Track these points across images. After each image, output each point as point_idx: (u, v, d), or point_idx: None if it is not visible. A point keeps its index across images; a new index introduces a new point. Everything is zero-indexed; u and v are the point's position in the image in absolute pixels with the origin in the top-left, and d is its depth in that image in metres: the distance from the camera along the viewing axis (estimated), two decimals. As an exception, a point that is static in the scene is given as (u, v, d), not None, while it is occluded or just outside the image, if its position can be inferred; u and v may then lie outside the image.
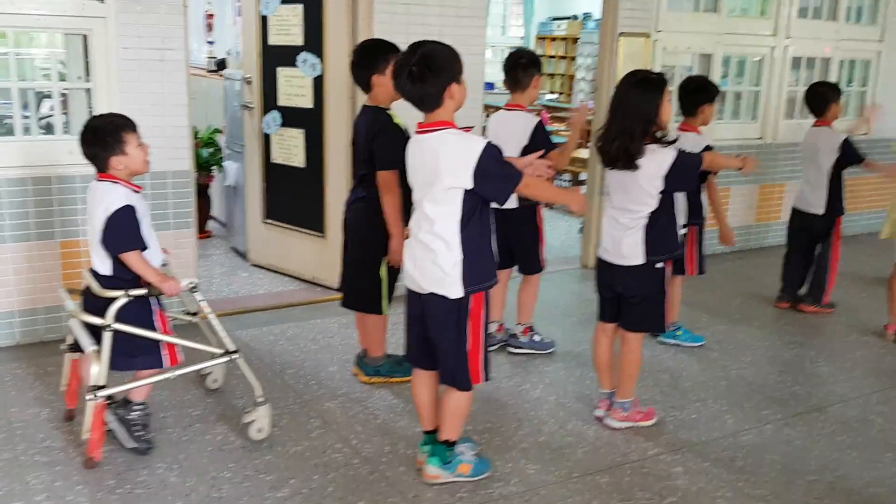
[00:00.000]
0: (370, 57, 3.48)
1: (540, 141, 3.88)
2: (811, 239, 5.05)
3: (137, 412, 3.14)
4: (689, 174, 3.30)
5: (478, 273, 2.79)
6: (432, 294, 2.80)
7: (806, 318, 5.05)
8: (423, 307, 2.87)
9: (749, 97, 6.52)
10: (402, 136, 3.35)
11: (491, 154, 2.69)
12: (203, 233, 6.50)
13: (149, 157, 3.03)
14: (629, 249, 3.29)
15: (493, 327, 4.30)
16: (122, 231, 2.89)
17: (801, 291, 5.18)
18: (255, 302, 4.96)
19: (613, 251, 3.35)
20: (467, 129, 2.82)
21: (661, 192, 3.22)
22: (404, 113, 3.28)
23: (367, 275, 3.64)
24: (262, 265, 5.62)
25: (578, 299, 5.19)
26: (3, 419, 3.35)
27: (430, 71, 2.64)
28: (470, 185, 2.66)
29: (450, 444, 2.98)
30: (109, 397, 3.23)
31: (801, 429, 3.56)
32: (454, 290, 2.77)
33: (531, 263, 4.20)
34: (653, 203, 3.23)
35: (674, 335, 4.50)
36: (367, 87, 3.51)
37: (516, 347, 4.26)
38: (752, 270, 6.09)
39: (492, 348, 4.25)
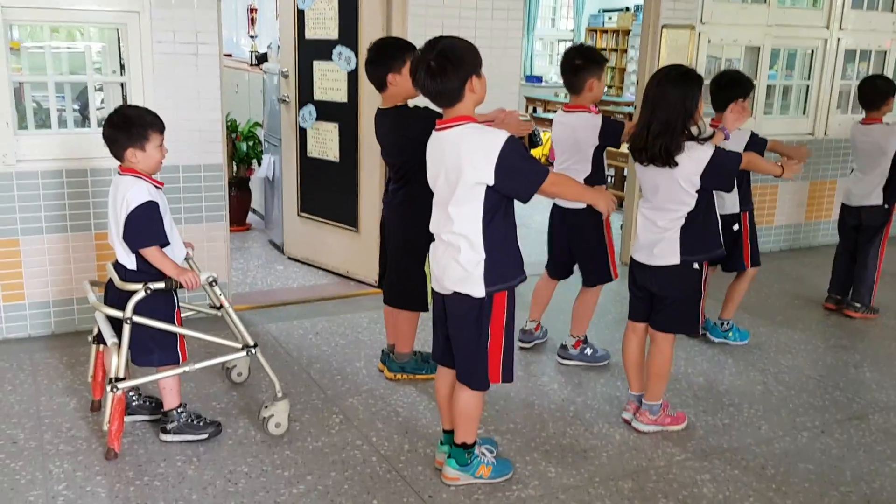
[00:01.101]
0: (387, 55, 3.39)
1: (611, 135, 3.73)
2: (859, 236, 4.87)
3: (182, 417, 3.15)
4: (726, 173, 3.16)
5: (501, 272, 2.74)
6: (455, 293, 2.76)
7: (853, 321, 4.86)
8: (445, 306, 2.83)
9: (799, 91, 6.30)
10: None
11: (513, 148, 2.61)
12: (243, 225, 6.57)
13: (163, 160, 3.03)
14: (663, 250, 3.18)
15: (531, 325, 4.22)
16: (143, 226, 2.91)
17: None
18: (287, 295, 4.97)
19: (647, 252, 3.24)
20: (488, 122, 2.75)
21: (699, 191, 3.11)
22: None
23: (411, 273, 3.56)
24: (298, 258, 5.64)
25: (615, 297, 5.07)
26: (32, 408, 3.41)
27: (450, 64, 2.60)
28: (492, 180, 2.60)
29: (468, 447, 2.93)
30: (140, 396, 3.28)
31: (839, 437, 3.42)
32: (476, 289, 2.72)
33: (594, 273, 3.96)
34: (691, 202, 3.12)
35: (725, 335, 4.38)
36: (382, 86, 3.43)
37: (565, 359, 4.06)
38: (801, 270, 5.89)
39: (527, 346, 4.18)
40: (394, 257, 3.68)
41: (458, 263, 2.71)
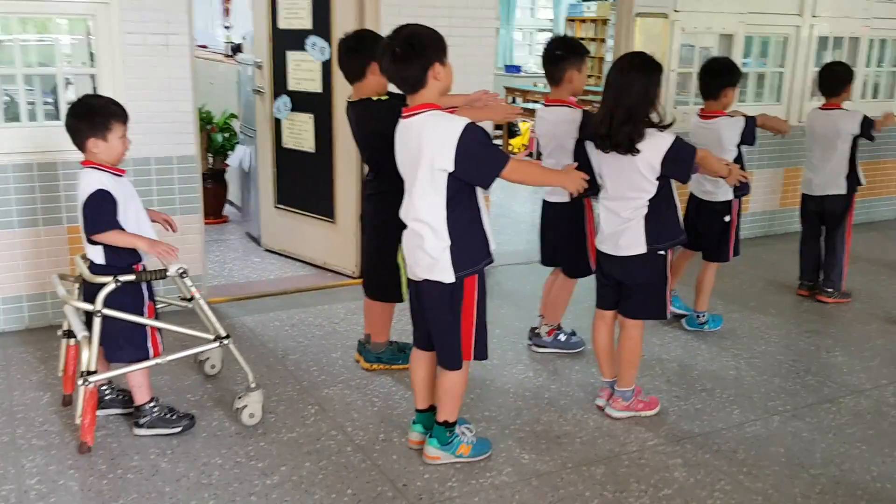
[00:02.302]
0: (368, 45, 3.36)
1: (591, 130, 3.67)
2: (823, 222, 4.91)
3: (155, 411, 3.14)
4: (684, 162, 3.14)
5: (469, 257, 2.78)
6: (426, 280, 2.79)
7: (826, 306, 4.91)
8: (419, 292, 2.87)
9: (773, 79, 6.34)
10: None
11: (473, 135, 2.63)
12: (220, 217, 6.53)
13: (126, 151, 3.01)
14: (629, 240, 3.20)
15: (544, 330, 4.10)
16: (93, 214, 2.90)
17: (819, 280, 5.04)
18: (264, 287, 4.96)
19: (613, 243, 3.25)
20: (451, 109, 2.77)
21: (658, 178, 3.13)
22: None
23: (384, 263, 3.58)
24: (275, 250, 5.62)
25: (589, 284, 5.07)
26: (5, 402, 3.39)
27: (413, 50, 2.64)
28: (451, 167, 2.62)
29: (449, 425, 2.98)
30: (113, 389, 3.26)
31: (810, 421, 3.46)
32: (446, 275, 2.76)
33: (573, 265, 3.95)
34: (651, 189, 3.13)
35: (701, 326, 4.41)
36: (359, 76, 3.42)
37: (540, 346, 4.06)
38: (775, 256, 5.94)
39: (543, 351, 4.08)
40: (368, 247, 3.69)
41: (423, 251, 2.76)
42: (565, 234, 3.90)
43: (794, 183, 6.51)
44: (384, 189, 3.38)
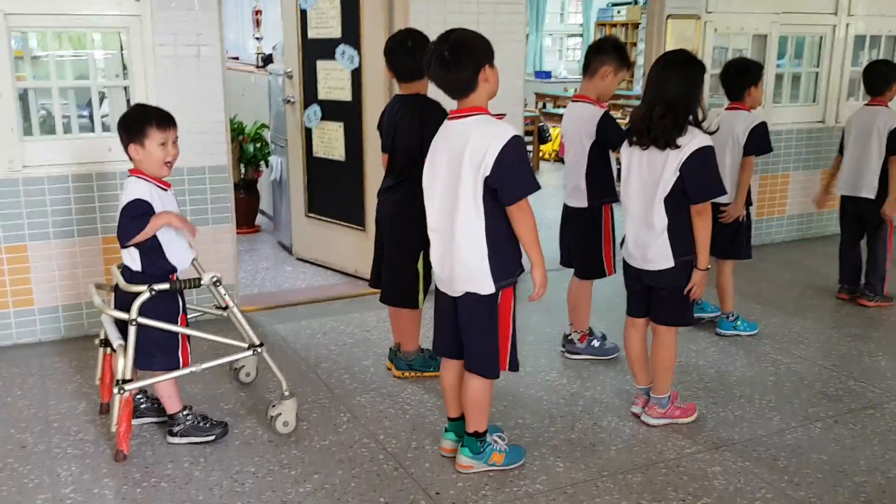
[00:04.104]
0: (422, 44, 3.23)
1: (607, 133, 3.66)
2: (864, 225, 4.80)
3: (188, 420, 3.15)
4: (705, 169, 3.03)
5: (505, 268, 2.75)
6: (466, 293, 2.78)
7: (867, 309, 4.79)
8: (455, 304, 2.85)
9: (809, 79, 6.23)
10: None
11: (517, 148, 2.63)
12: (252, 227, 6.58)
13: (169, 161, 3.00)
14: (655, 254, 3.13)
15: (576, 336, 4.04)
16: (126, 222, 2.91)
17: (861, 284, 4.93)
18: (295, 296, 4.97)
19: (640, 257, 3.19)
20: (499, 116, 2.75)
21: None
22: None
23: (404, 269, 3.58)
24: (307, 259, 5.64)
25: (621, 290, 5.02)
26: (41, 412, 3.42)
27: (464, 53, 2.63)
28: (489, 171, 2.60)
29: (479, 435, 2.95)
30: (148, 398, 3.28)
31: (853, 427, 3.37)
32: (485, 286, 2.74)
33: (584, 268, 3.93)
34: (671, 186, 3.05)
35: (733, 326, 4.34)
36: (417, 74, 3.36)
37: (573, 353, 4.02)
38: (813, 259, 5.83)
39: (577, 357, 4.03)
40: (390, 254, 3.66)
41: (462, 265, 2.73)
42: (579, 235, 3.89)
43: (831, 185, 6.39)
44: (408, 195, 3.38)
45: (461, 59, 2.62)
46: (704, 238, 3.10)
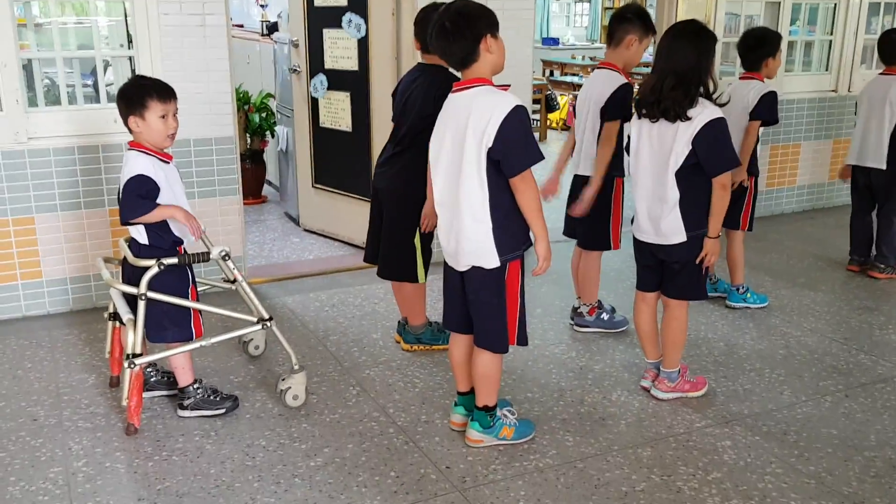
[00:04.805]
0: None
1: (615, 105, 3.60)
2: (875, 196, 4.75)
3: (199, 393, 3.15)
4: (718, 145, 2.98)
5: (511, 241, 2.73)
6: (472, 267, 2.76)
7: (878, 282, 4.77)
8: (462, 278, 2.84)
9: (822, 46, 6.13)
10: None
11: (520, 117, 2.58)
12: (259, 198, 6.55)
13: (171, 134, 2.96)
14: (668, 227, 3.10)
15: (585, 309, 4.02)
16: (128, 200, 2.88)
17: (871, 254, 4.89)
18: (303, 268, 4.96)
19: (652, 231, 3.16)
20: (504, 87, 2.70)
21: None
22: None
23: (404, 242, 3.55)
24: (314, 230, 5.62)
25: (631, 262, 5.00)
26: (52, 384, 3.43)
27: (464, 21, 2.60)
28: (491, 142, 2.57)
29: (489, 409, 2.95)
30: (158, 371, 3.28)
31: (864, 401, 3.36)
32: (490, 260, 2.72)
33: (589, 238, 3.90)
34: (682, 161, 3.01)
35: (743, 298, 4.32)
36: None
37: (582, 326, 4.01)
38: (823, 231, 5.79)
39: (586, 330, 4.01)
40: (388, 227, 3.61)
41: (467, 238, 2.71)
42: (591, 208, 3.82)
43: (843, 155, 6.32)
44: (408, 166, 3.37)
45: (461, 28, 2.60)
46: (721, 209, 3.07)
